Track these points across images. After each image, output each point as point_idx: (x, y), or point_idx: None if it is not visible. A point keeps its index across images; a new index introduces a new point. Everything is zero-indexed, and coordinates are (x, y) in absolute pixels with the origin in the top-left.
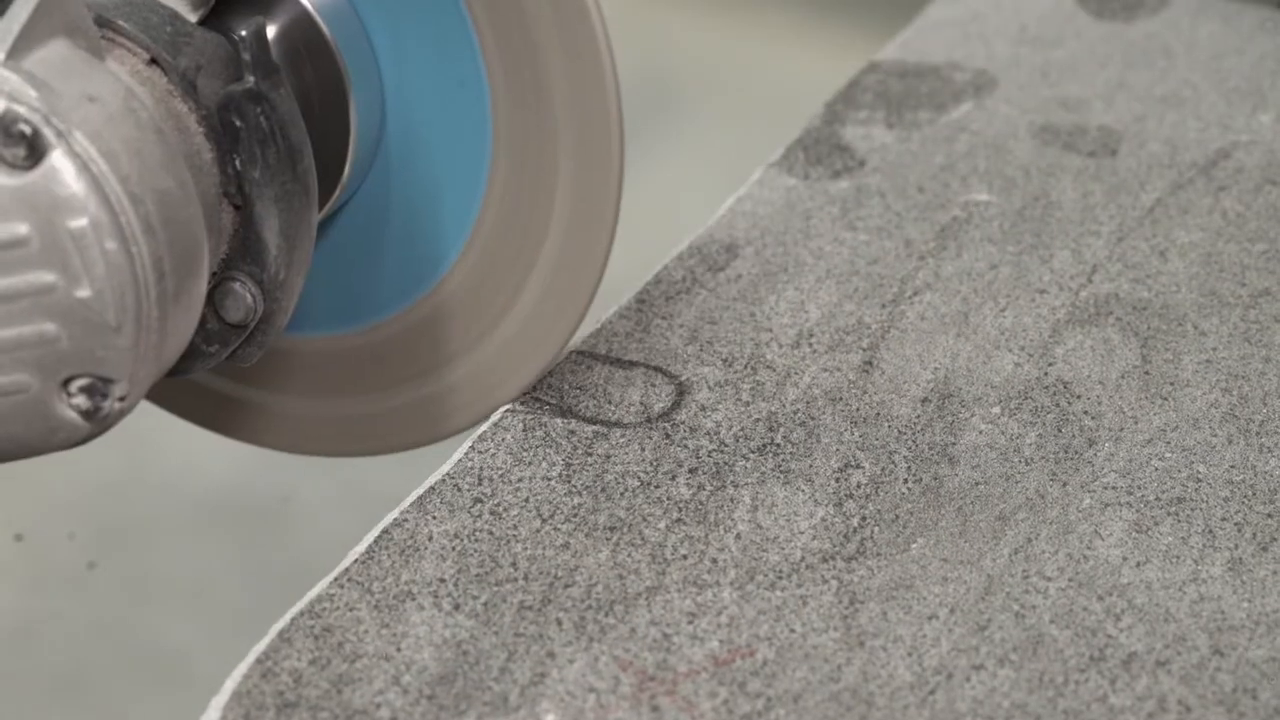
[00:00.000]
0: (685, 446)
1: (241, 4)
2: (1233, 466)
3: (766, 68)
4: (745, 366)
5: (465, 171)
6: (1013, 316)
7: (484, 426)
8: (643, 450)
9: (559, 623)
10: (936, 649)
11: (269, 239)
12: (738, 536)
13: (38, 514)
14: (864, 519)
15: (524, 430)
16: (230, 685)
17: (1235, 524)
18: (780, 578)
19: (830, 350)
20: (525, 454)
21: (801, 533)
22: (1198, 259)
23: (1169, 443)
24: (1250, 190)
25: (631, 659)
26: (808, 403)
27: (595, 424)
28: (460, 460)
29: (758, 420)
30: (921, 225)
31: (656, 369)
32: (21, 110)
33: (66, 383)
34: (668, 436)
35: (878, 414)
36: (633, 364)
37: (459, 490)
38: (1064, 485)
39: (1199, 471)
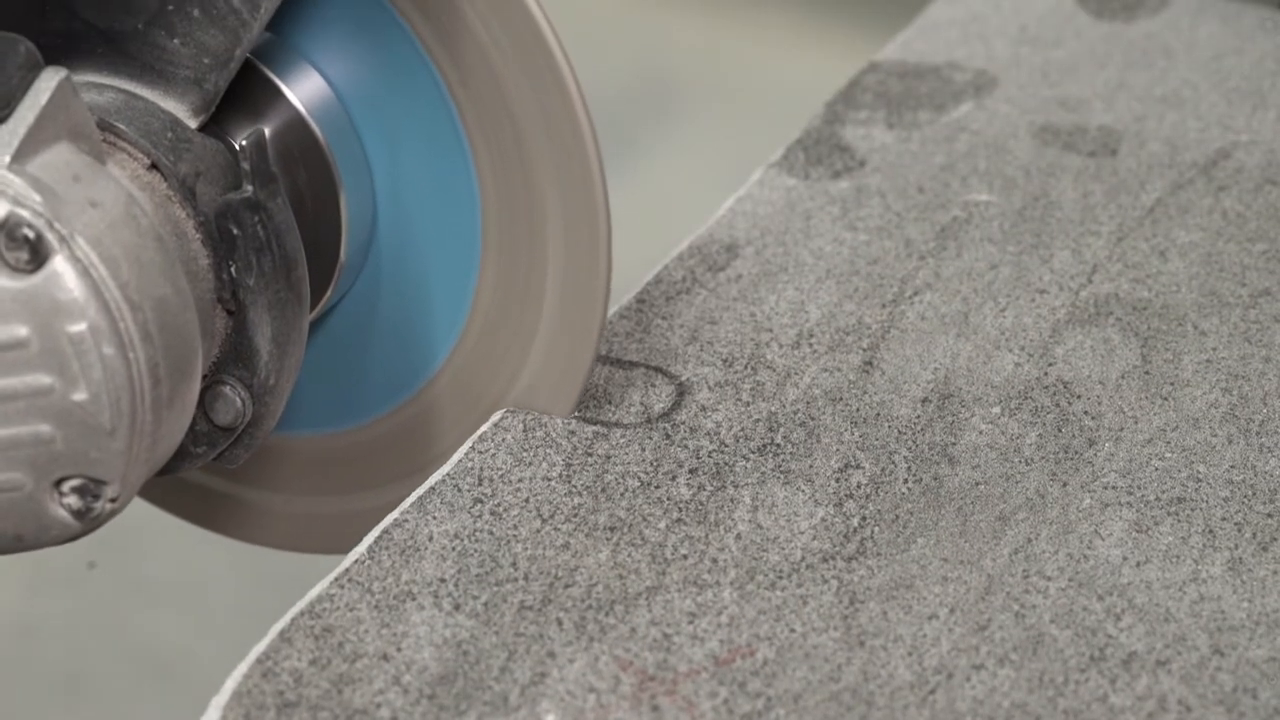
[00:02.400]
0: (685, 447)
1: (238, 108)
2: (1233, 466)
3: (766, 68)
4: (745, 366)
5: (455, 271)
6: (1013, 316)
7: (484, 427)
8: (643, 450)
9: (559, 623)
10: (937, 649)
11: (261, 345)
12: (738, 536)
13: None
14: (864, 519)
15: (524, 430)
16: (230, 685)
17: (1235, 524)
18: (780, 577)
19: (830, 350)
20: (525, 454)
21: (802, 533)
22: (1198, 259)
23: (1169, 443)
24: (1250, 190)
25: (632, 659)
26: (808, 403)
27: (595, 424)
28: (461, 460)
29: (758, 420)
30: (921, 225)
31: (656, 369)
32: (25, 214)
33: (59, 483)
34: (668, 437)
35: (878, 414)
36: (633, 364)
37: (459, 490)
38: (1064, 485)
39: (1199, 471)
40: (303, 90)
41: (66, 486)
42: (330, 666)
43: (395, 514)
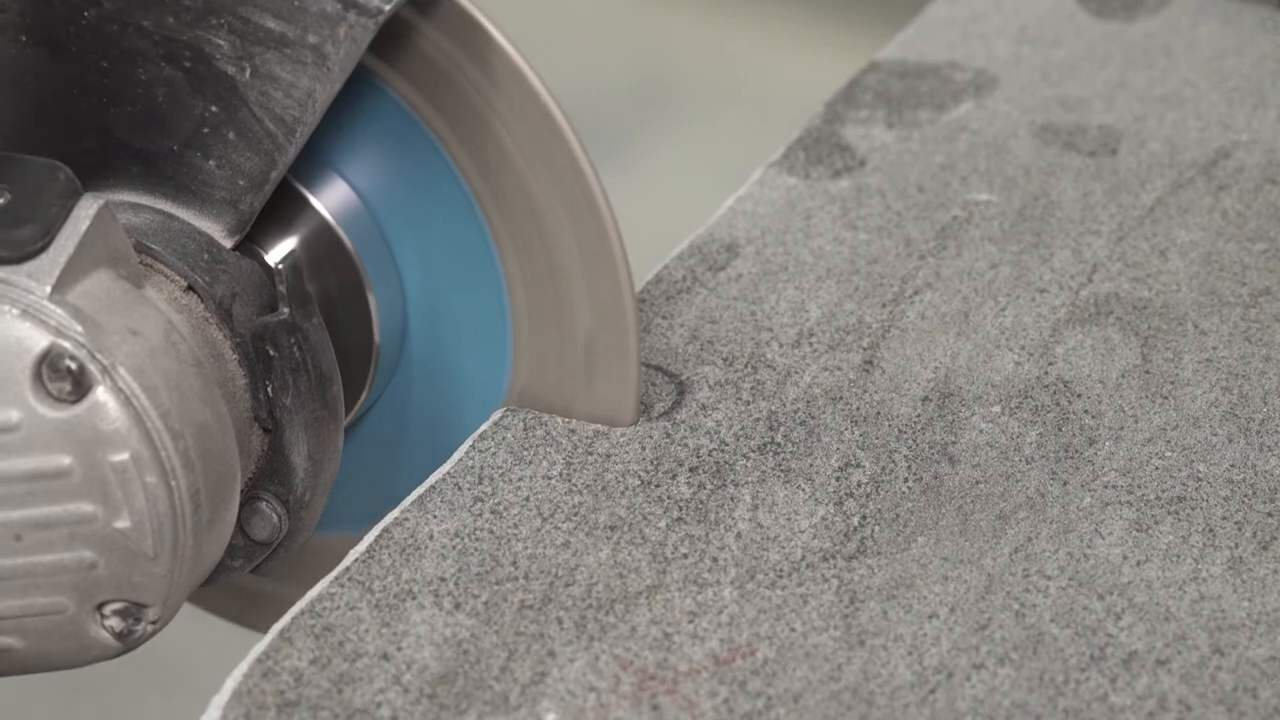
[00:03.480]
0: (686, 445)
1: (268, 220)
2: (1233, 465)
3: (766, 68)
4: (746, 366)
5: (487, 371)
6: (1013, 316)
7: (485, 425)
8: (643, 449)
9: (559, 622)
10: (937, 648)
11: (296, 462)
12: (738, 535)
13: None
14: (864, 518)
15: (524, 429)
16: (231, 684)
17: (1235, 523)
18: (781, 576)
19: (831, 349)
20: (526, 453)
21: (802, 531)
22: (1198, 258)
23: (1169, 442)
24: (1250, 190)
25: (632, 658)
26: (808, 402)
27: (596, 423)
28: (461, 459)
29: (758, 419)
30: (922, 225)
31: (657, 368)
32: (68, 346)
33: (101, 606)
34: (668, 435)
35: (878, 413)
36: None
37: (459, 489)
38: (1064, 484)
39: (1199, 470)
40: (330, 200)
41: (109, 610)
42: (330, 666)
43: (395, 513)
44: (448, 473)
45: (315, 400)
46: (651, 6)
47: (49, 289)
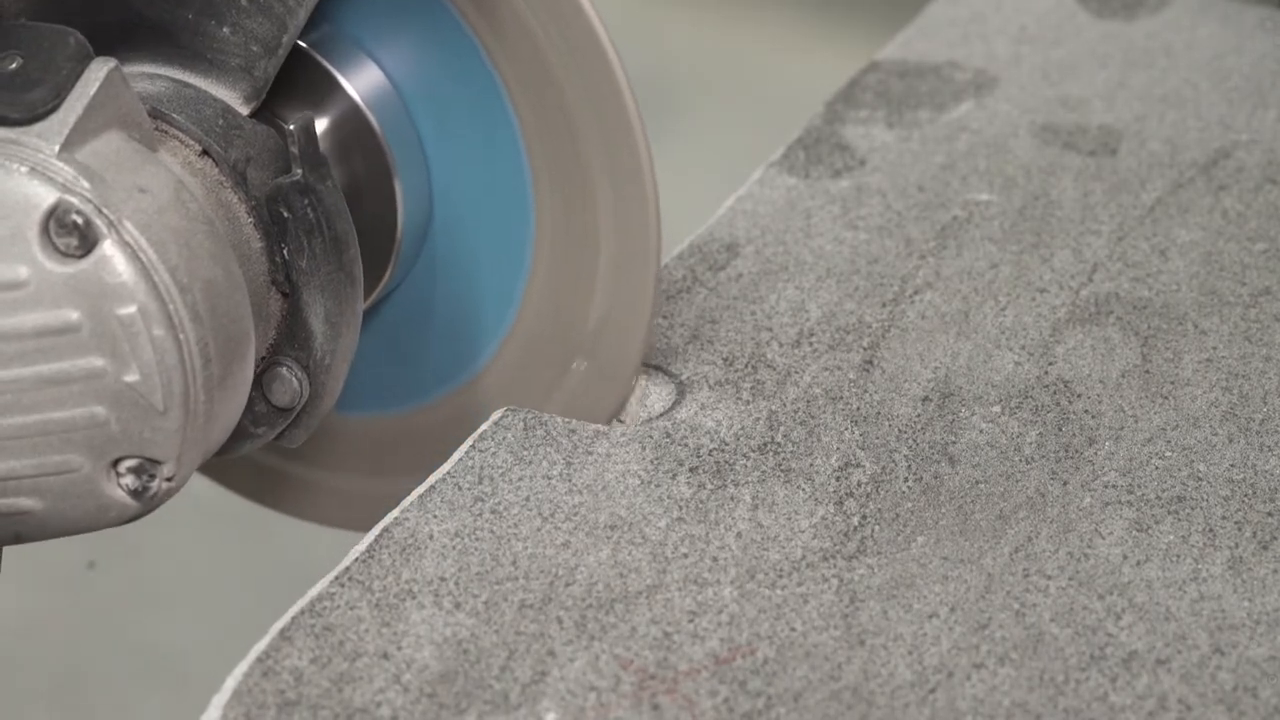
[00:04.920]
0: (685, 445)
1: (292, 95)
2: (1233, 465)
3: (766, 68)
4: (746, 365)
5: (508, 259)
6: (1013, 315)
7: (485, 425)
8: (643, 449)
9: (560, 621)
10: (937, 647)
11: (315, 326)
12: (738, 535)
13: None
14: (864, 517)
15: (525, 429)
16: (231, 684)
17: (1235, 523)
18: (781, 576)
19: (831, 349)
20: (526, 452)
21: (802, 531)
22: (1198, 258)
23: (1169, 441)
24: (1250, 189)
25: (632, 657)
26: (808, 401)
27: (596, 422)
28: (461, 459)
29: (758, 419)
30: (922, 224)
31: (656, 368)
32: (74, 201)
33: (116, 463)
34: (668, 435)
35: (878, 413)
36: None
37: (460, 489)
38: (1064, 484)
39: (1199, 470)
40: (359, 81)
41: (123, 467)
42: (331, 665)
43: (396, 512)
44: (448, 473)
45: (331, 262)
46: (651, 6)
47: (57, 147)
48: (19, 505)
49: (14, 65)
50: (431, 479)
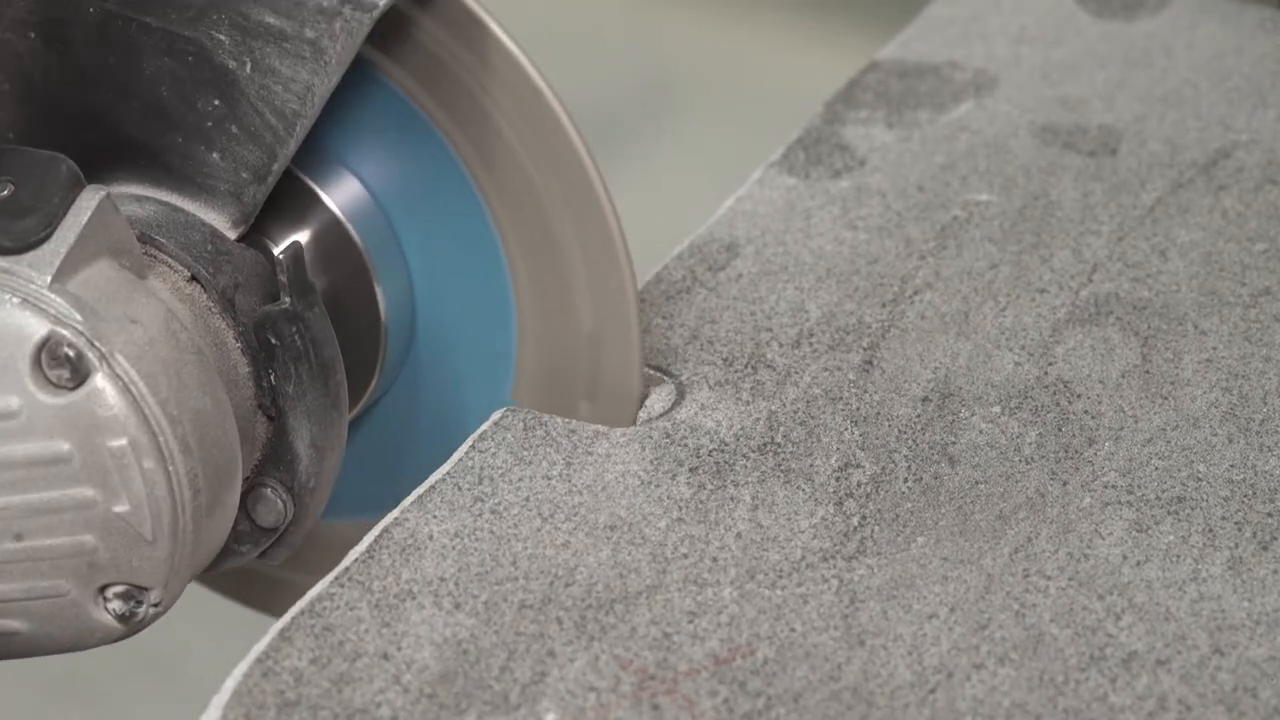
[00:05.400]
0: (685, 445)
1: (276, 213)
2: (1233, 466)
3: (766, 68)
4: (745, 366)
5: (492, 366)
6: (1013, 316)
7: (485, 425)
8: (643, 449)
9: (559, 621)
10: (937, 648)
11: (300, 449)
12: (738, 535)
13: None
14: (864, 518)
15: (524, 429)
16: (231, 684)
17: (1235, 523)
18: (781, 576)
19: (830, 349)
20: (526, 453)
21: (802, 531)
22: (1198, 258)
23: (1169, 442)
24: (1250, 190)
25: (632, 658)
26: (808, 402)
27: (596, 423)
28: (461, 459)
29: (758, 419)
30: (922, 225)
31: (656, 368)
32: (66, 334)
33: (103, 589)
34: (668, 436)
35: (878, 413)
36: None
37: (459, 489)
38: (1064, 484)
39: (1199, 471)
40: (339, 194)
41: (110, 593)
42: (330, 665)
43: (395, 513)
44: (448, 473)
45: (318, 388)
46: (651, 6)
47: (49, 278)
48: (6, 626)
49: (5, 192)
50: (431, 479)
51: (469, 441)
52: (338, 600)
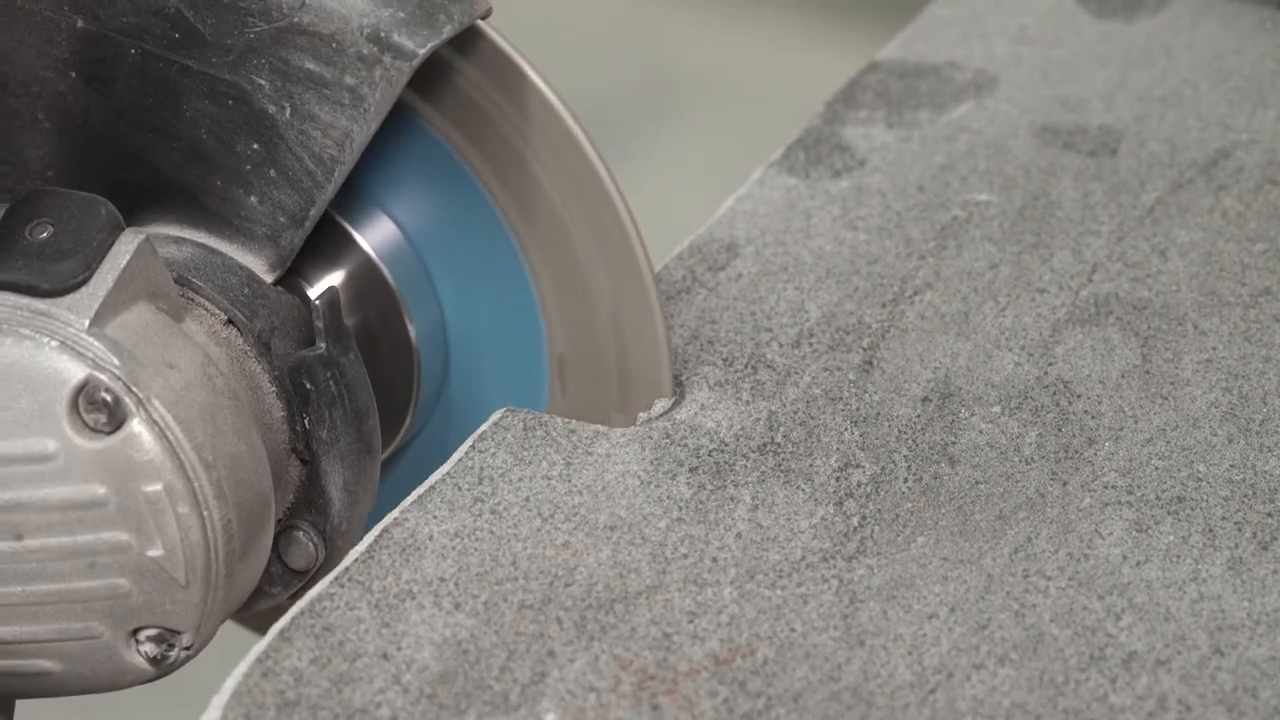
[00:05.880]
0: (685, 446)
1: (313, 256)
2: (1233, 466)
3: (766, 68)
4: (745, 366)
5: (525, 405)
6: (1013, 316)
7: (485, 426)
8: (643, 449)
9: (559, 622)
10: (937, 648)
11: (333, 493)
12: (738, 535)
13: None
14: (864, 518)
15: (524, 429)
16: (231, 684)
17: (1235, 523)
18: (780, 576)
19: (830, 350)
20: (526, 453)
21: (802, 532)
22: (1198, 258)
23: (1169, 442)
24: (1250, 190)
25: (632, 658)
26: (808, 402)
27: (596, 423)
28: (461, 459)
29: (758, 419)
30: (922, 225)
31: None
32: (104, 379)
33: (136, 632)
34: (668, 436)
35: (878, 413)
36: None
37: (459, 489)
38: (1064, 484)
39: (1199, 471)
40: (373, 234)
41: (143, 635)
42: (330, 665)
43: (395, 513)
44: (448, 473)
45: (351, 434)
46: (651, 6)
47: (87, 322)
48: (39, 666)
49: (44, 234)
50: (431, 479)
51: (469, 442)
52: (338, 600)
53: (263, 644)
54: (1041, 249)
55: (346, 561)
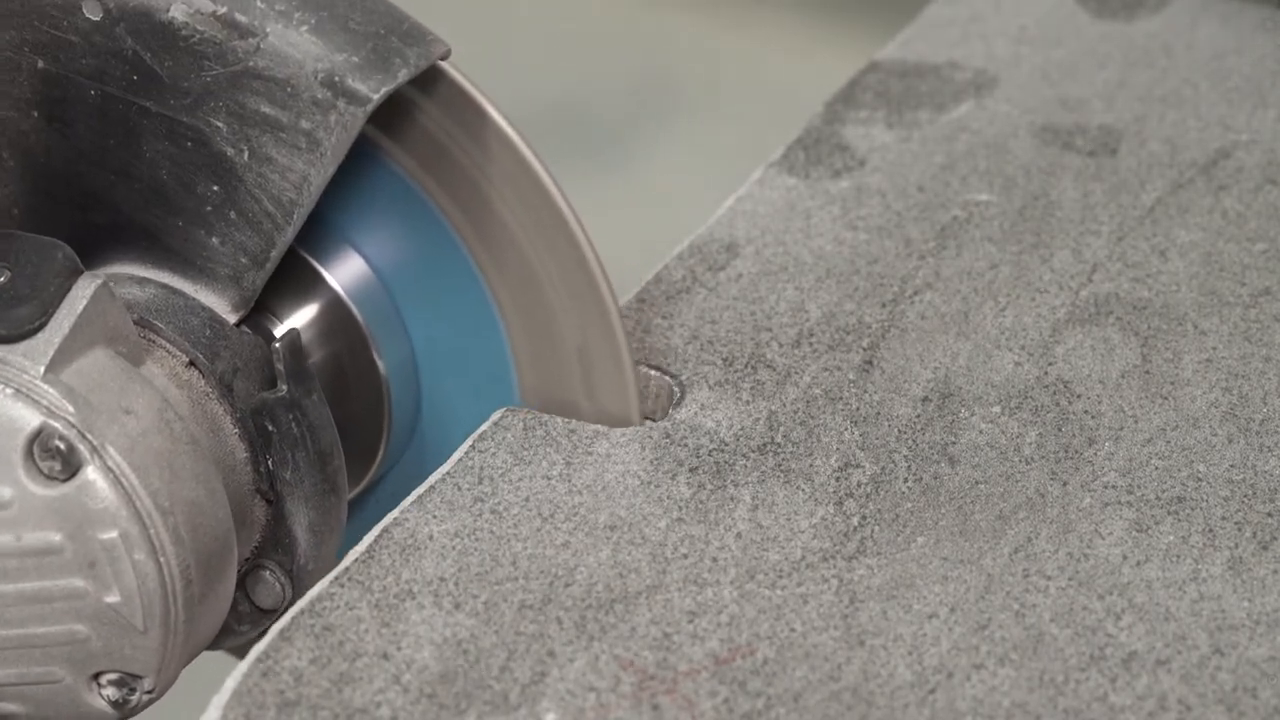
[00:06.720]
0: (685, 446)
1: (280, 292)
2: (1233, 466)
3: (766, 68)
4: (745, 366)
5: None
6: (1013, 316)
7: (484, 426)
8: (643, 449)
9: (559, 621)
10: (937, 648)
11: (298, 534)
12: (738, 535)
13: None
14: (864, 518)
15: (524, 429)
16: (231, 684)
17: (1235, 523)
18: (781, 576)
19: (830, 349)
20: (526, 453)
21: (802, 531)
22: (1198, 258)
23: (1169, 442)
24: (1250, 190)
25: (632, 658)
26: (808, 402)
27: (596, 423)
28: (461, 459)
29: (758, 419)
30: (922, 225)
31: (656, 368)
32: (58, 426)
33: (96, 676)
34: (668, 436)
35: (878, 413)
36: (633, 363)
37: (459, 489)
38: (1064, 484)
39: (1199, 471)
40: (341, 272)
41: (104, 679)
42: (330, 665)
43: (395, 513)
44: (448, 473)
45: (315, 474)
46: (651, 6)
47: (43, 368)
48: (4, 709)
49: (1, 279)
50: (431, 479)
51: (469, 442)
52: (338, 600)
53: (263, 644)
54: (1041, 249)
55: (347, 561)
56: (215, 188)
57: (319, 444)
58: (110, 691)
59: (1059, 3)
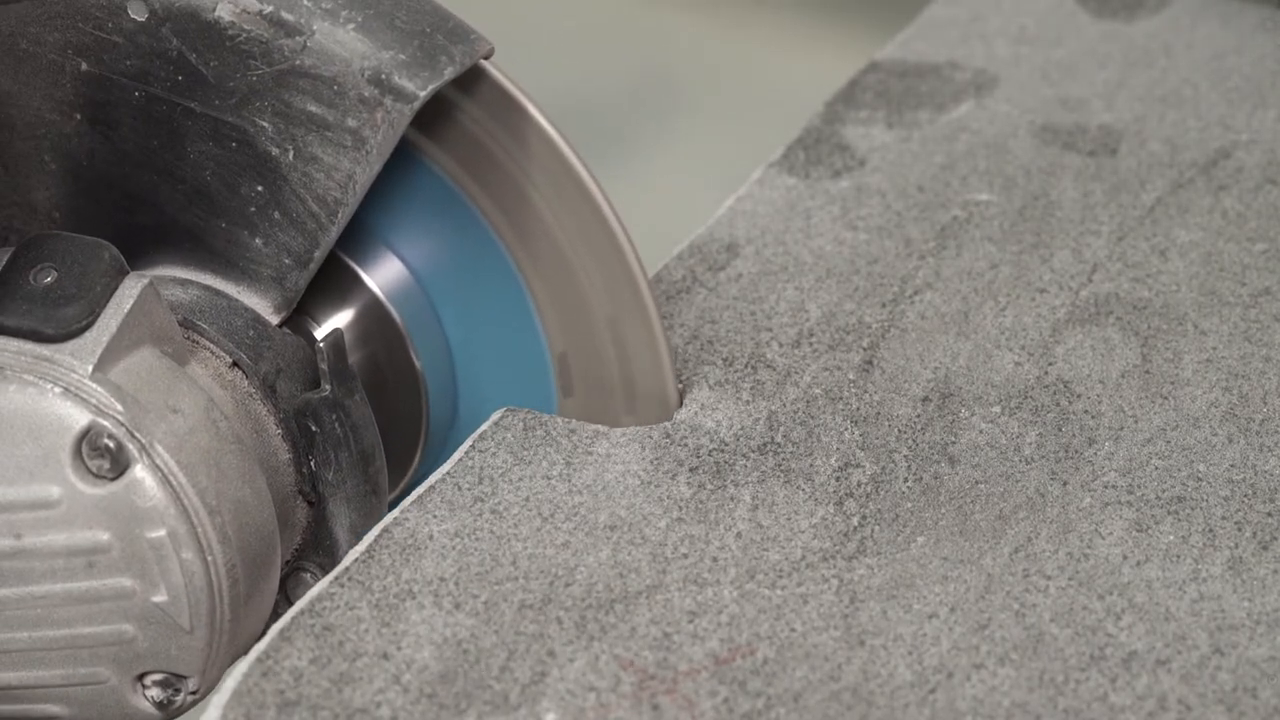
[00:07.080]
0: (685, 445)
1: (318, 293)
2: (1233, 465)
3: (766, 68)
4: (745, 366)
5: None
6: (1013, 316)
7: (485, 426)
8: (643, 449)
9: (559, 621)
10: (937, 648)
11: (340, 535)
12: (738, 535)
13: None
14: (864, 518)
15: (524, 429)
16: (231, 684)
17: (1235, 523)
18: (781, 576)
19: (830, 349)
20: (526, 453)
21: (802, 531)
22: (1198, 258)
23: (1169, 442)
24: (1250, 190)
25: (632, 658)
26: (808, 402)
27: (596, 423)
28: (461, 459)
29: (758, 419)
30: (922, 225)
31: None
32: (107, 425)
33: (141, 676)
34: (668, 436)
35: (878, 413)
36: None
37: (459, 489)
38: (1064, 484)
39: (1199, 470)
40: (380, 274)
41: (149, 680)
42: (330, 665)
43: (395, 513)
44: (448, 473)
45: (357, 475)
46: (651, 6)
47: (90, 367)
48: (46, 711)
49: (48, 279)
50: (431, 479)
51: (469, 441)
52: (338, 600)
53: (263, 643)
54: (1041, 249)
55: (346, 561)
56: (259, 188)
57: (362, 444)
58: (155, 692)
59: (1059, 3)
